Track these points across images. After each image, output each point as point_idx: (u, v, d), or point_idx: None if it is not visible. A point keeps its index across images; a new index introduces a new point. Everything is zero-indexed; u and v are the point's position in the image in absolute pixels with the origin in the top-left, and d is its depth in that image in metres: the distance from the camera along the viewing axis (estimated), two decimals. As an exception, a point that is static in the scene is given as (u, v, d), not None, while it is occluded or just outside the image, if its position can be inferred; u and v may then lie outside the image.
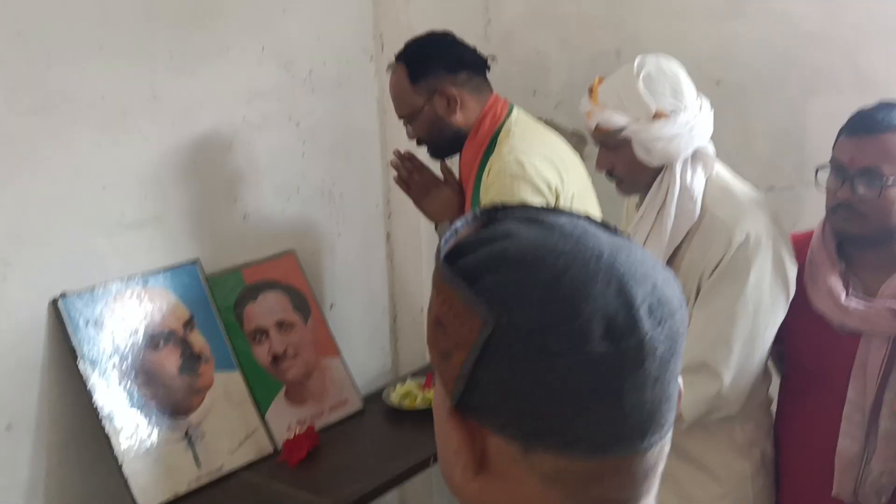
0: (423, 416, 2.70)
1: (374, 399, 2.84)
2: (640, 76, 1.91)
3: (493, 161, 2.29)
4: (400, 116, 2.47)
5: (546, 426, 0.76)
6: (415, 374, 2.99)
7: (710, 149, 1.95)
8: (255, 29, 2.63)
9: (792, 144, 2.65)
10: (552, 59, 3.11)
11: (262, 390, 2.57)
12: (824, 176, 2.02)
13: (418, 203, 2.49)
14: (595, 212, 2.44)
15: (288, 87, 2.76)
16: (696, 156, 1.94)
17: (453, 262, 0.81)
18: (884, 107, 1.97)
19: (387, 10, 3.01)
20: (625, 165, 1.97)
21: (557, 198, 2.26)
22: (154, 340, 2.37)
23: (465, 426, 0.80)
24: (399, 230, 3.19)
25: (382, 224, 3.19)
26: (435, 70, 2.37)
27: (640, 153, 1.91)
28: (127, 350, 2.31)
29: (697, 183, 1.92)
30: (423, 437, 2.60)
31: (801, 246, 2.08)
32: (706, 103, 1.97)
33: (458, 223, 0.87)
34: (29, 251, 2.17)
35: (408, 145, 2.58)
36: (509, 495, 0.80)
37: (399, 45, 2.93)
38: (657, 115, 1.88)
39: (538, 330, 0.74)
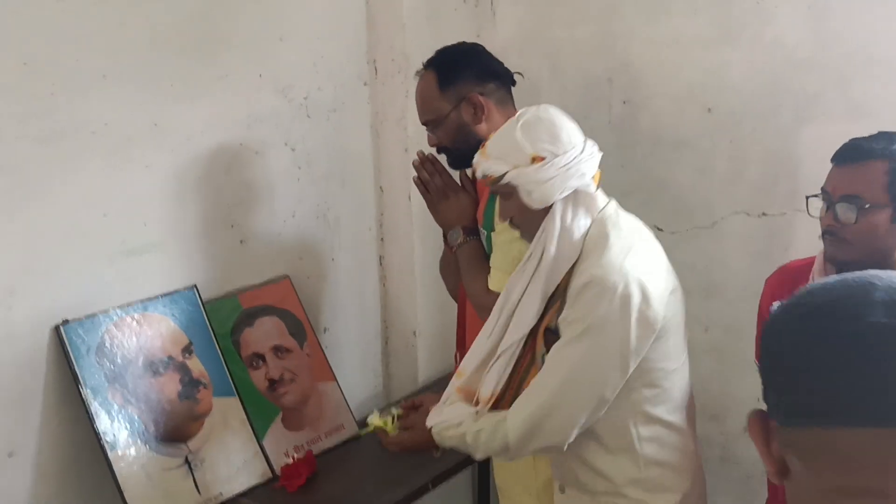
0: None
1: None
2: (519, 124, 1.99)
3: None
4: (424, 122, 2.47)
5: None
6: (407, 398, 2.99)
7: (592, 189, 1.98)
8: (253, 56, 2.64)
9: (784, 171, 2.69)
10: (544, 85, 3.14)
11: (259, 416, 2.57)
12: (815, 204, 2.11)
13: (433, 206, 2.45)
14: None
15: (285, 112, 2.78)
16: (578, 198, 1.97)
17: None
18: (874, 137, 2.05)
19: (381, 37, 3.02)
20: (517, 212, 2.02)
21: None
22: (154, 367, 2.38)
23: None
24: (392, 254, 3.20)
25: (375, 248, 3.21)
26: (464, 77, 2.39)
27: (524, 197, 1.96)
28: (128, 376, 2.31)
29: (578, 225, 1.96)
30: (421, 462, 2.60)
31: (801, 273, 2.12)
32: (592, 148, 2.01)
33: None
34: (33, 279, 2.17)
35: (403, 173, 2.58)
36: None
37: (393, 71, 2.98)
38: (534, 159, 1.93)
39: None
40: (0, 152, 2.07)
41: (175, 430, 2.37)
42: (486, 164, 2.00)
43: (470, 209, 2.40)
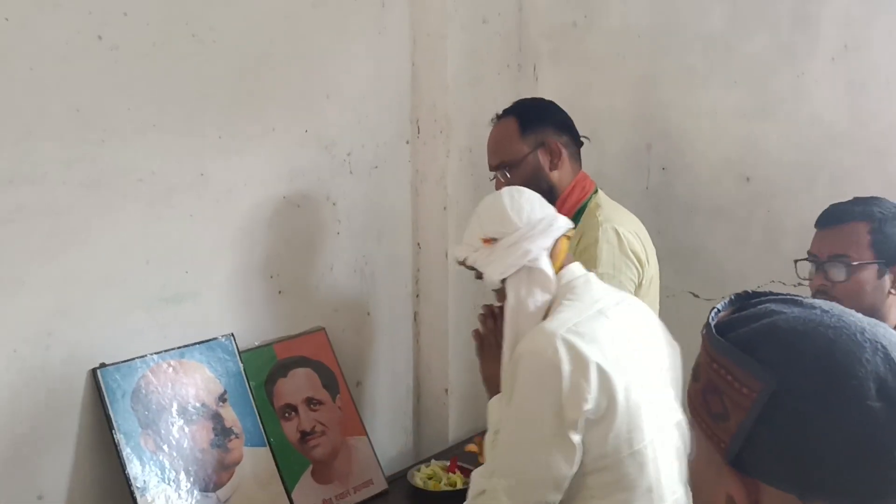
0: (447, 500, 2.70)
1: (398, 480, 2.84)
2: (477, 211, 2.12)
3: (586, 229, 2.38)
4: (498, 165, 2.52)
5: (823, 478, 0.86)
6: (437, 457, 2.99)
7: (543, 264, 2.01)
8: (299, 112, 2.70)
9: (820, 244, 2.69)
10: (584, 151, 3.17)
11: (289, 468, 2.57)
12: (804, 268, 2.27)
13: (482, 361, 2.31)
14: (657, 297, 2.51)
15: (327, 168, 2.82)
16: (532, 275, 2.01)
17: (724, 337, 0.94)
18: (851, 201, 2.23)
19: (424, 98, 3.08)
20: (493, 292, 2.13)
21: (641, 274, 2.34)
22: (187, 414, 2.39)
23: (741, 480, 0.91)
24: (426, 311, 3.22)
25: (410, 304, 3.23)
26: (544, 124, 2.50)
27: (484, 276, 2.06)
28: (161, 422, 2.33)
29: (534, 300, 2.00)
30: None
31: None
32: (550, 224, 2.06)
33: (719, 306, 1.01)
34: (72, 322, 2.20)
35: (441, 232, 2.60)
36: None
37: (435, 131, 3.04)
38: (485, 242, 2.05)
39: (817, 390, 0.86)
40: (45, 196, 2.11)
41: (205, 479, 2.37)
42: (454, 251, 2.17)
43: None
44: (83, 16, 2.14)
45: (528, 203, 2.07)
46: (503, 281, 2.03)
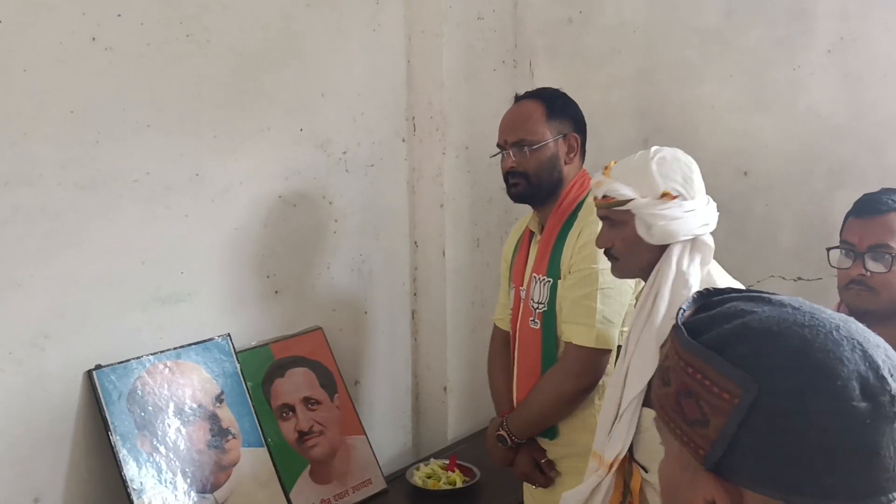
0: (446, 498, 2.70)
1: (397, 479, 2.83)
2: (655, 158, 1.94)
3: (584, 225, 2.36)
4: (517, 142, 2.46)
5: (807, 480, 0.84)
6: (437, 455, 2.99)
7: (710, 241, 1.94)
8: (294, 111, 2.70)
9: (818, 236, 2.68)
10: (580, 145, 3.17)
11: (287, 468, 2.56)
12: (835, 256, 2.22)
13: None
14: None
15: (323, 166, 2.82)
16: (696, 245, 1.93)
17: (696, 339, 0.92)
18: (886, 191, 2.18)
19: (420, 95, 3.08)
20: (624, 242, 1.97)
21: None
22: (184, 415, 2.38)
23: (723, 485, 0.89)
24: (424, 309, 3.22)
25: (408, 302, 3.23)
26: (568, 118, 2.49)
27: (641, 230, 1.91)
28: (157, 424, 2.32)
29: (694, 271, 1.91)
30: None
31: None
32: (713, 203, 1.99)
33: (683, 306, 0.99)
34: (68, 324, 2.19)
35: (438, 229, 2.59)
36: None
37: (431, 128, 3.03)
38: (664, 196, 1.89)
39: (799, 391, 0.84)
40: (41, 197, 2.11)
41: (203, 480, 2.36)
42: (610, 185, 1.95)
43: None
44: (77, 17, 2.14)
45: (698, 176, 1.97)
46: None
